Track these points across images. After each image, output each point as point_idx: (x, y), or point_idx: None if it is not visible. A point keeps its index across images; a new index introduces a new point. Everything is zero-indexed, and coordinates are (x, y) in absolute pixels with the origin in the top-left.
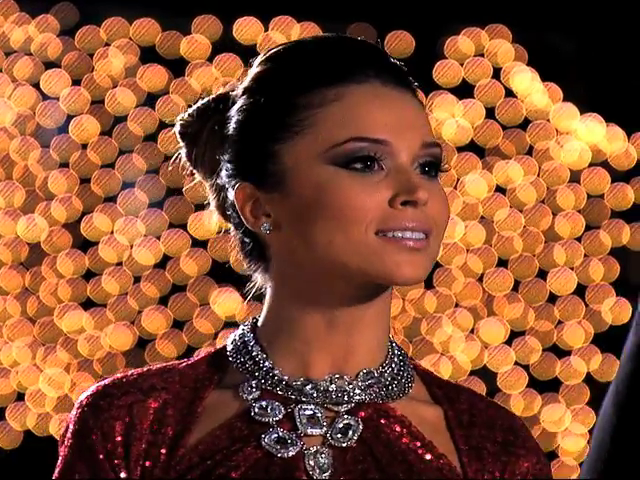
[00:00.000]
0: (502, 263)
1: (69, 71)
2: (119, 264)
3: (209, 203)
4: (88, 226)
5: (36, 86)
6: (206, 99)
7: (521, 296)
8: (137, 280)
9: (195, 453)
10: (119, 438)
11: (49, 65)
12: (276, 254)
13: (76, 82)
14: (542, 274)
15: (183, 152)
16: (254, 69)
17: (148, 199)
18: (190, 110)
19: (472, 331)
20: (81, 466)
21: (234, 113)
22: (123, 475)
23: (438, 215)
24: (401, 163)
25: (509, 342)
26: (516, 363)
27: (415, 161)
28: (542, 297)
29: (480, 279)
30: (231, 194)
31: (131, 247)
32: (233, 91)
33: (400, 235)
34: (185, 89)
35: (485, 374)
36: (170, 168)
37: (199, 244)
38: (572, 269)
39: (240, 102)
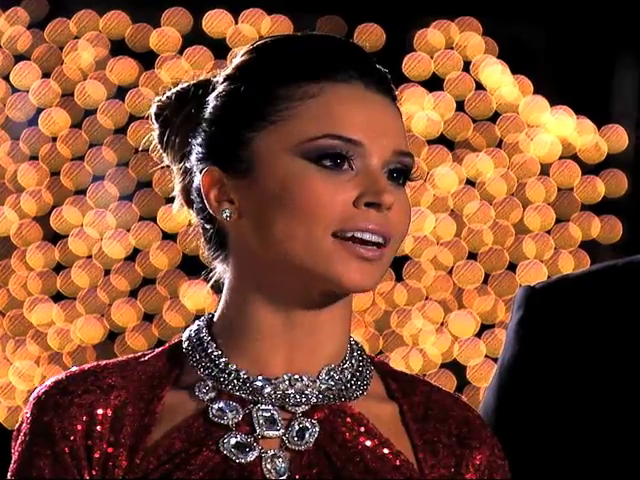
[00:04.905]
0: (472, 256)
1: (39, 64)
2: (89, 257)
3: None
4: (58, 219)
5: (6, 79)
6: (187, 84)
7: (491, 289)
8: (107, 273)
9: (153, 456)
10: (80, 438)
11: (19, 58)
12: (235, 244)
13: (46, 75)
14: (512, 267)
15: (155, 134)
16: (238, 58)
17: (118, 192)
18: (169, 92)
19: (442, 324)
20: (42, 462)
21: (212, 98)
22: (86, 476)
23: (399, 223)
24: (371, 165)
25: (479, 335)
26: (486, 356)
27: (385, 166)
28: (512, 290)
29: (450, 272)
30: (198, 178)
31: (101, 240)
32: (214, 77)
33: (359, 236)
34: (155, 82)
35: (455, 367)
36: (141, 147)
37: (169, 237)
38: (542, 262)
39: (220, 88)
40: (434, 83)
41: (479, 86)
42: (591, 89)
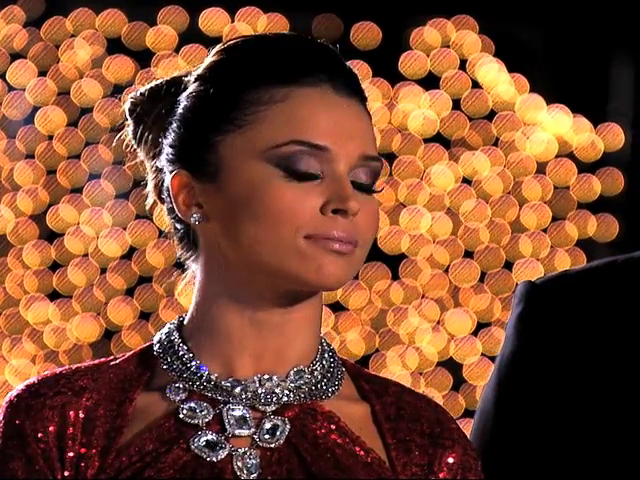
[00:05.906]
0: (468, 254)
1: (35, 62)
2: (85, 255)
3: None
4: (54, 217)
5: (2, 77)
6: (160, 80)
7: (487, 287)
8: (103, 271)
9: (125, 455)
10: (53, 440)
11: (15, 56)
12: (204, 246)
13: (42, 73)
14: (508, 265)
15: (129, 129)
16: (209, 58)
17: (114, 190)
18: (142, 89)
19: (438, 322)
20: (15, 464)
21: (183, 98)
22: (59, 477)
23: (366, 228)
24: (338, 171)
25: (475, 333)
26: (482, 354)
27: (352, 171)
28: (508, 288)
29: (446, 270)
30: (168, 178)
31: (97, 238)
32: (187, 76)
33: (327, 242)
34: (151, 80)
35: (451, 365)
36: (114, 144)
37: (165, 235)
38: (538, 260)
39: (191, 88)
40: (430, 81)
41: (475, 84)
42: (587, 87)
